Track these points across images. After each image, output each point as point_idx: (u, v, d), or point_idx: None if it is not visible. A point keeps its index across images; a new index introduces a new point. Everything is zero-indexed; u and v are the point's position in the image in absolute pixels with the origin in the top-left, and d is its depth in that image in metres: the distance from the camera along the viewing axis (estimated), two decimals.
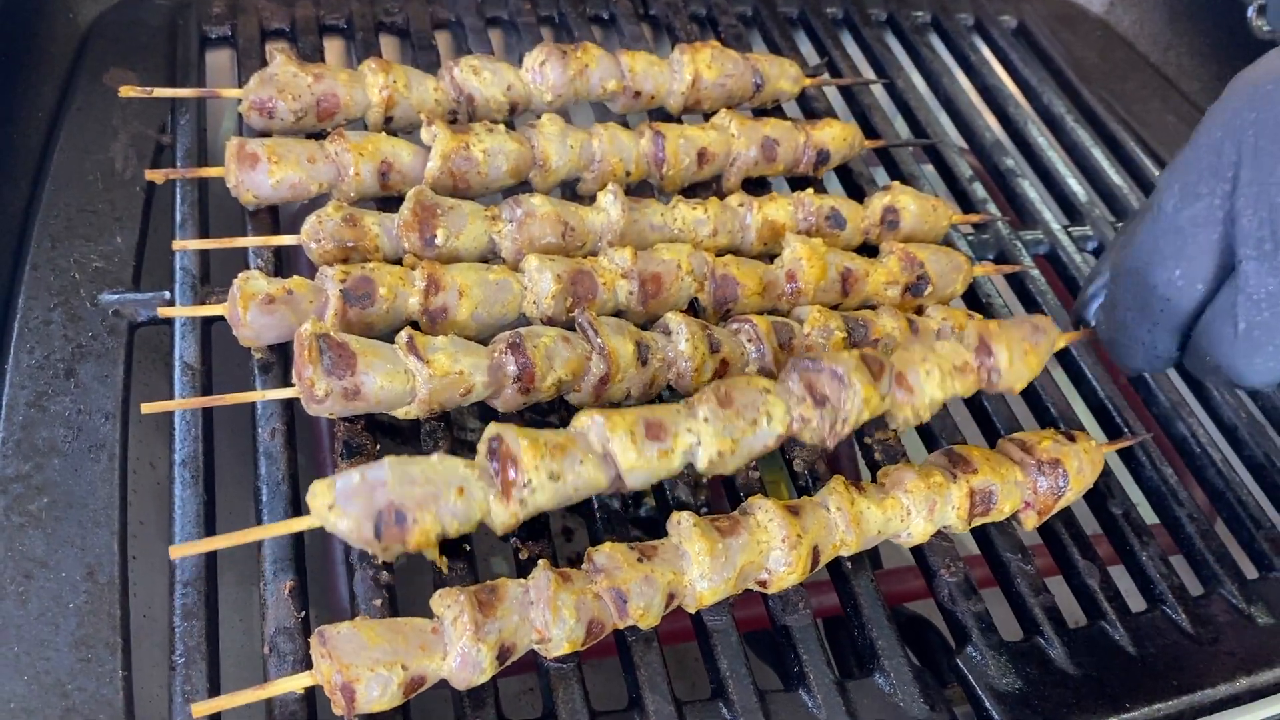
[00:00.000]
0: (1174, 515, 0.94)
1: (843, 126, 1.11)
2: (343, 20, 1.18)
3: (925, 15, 1.38)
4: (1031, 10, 1.42)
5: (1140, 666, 0.82)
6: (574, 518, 1.27)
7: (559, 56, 1.06)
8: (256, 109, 0.98)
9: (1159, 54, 1.38)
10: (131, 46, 1.08)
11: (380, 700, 0.67)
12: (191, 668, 0.71)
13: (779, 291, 0.96)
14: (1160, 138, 1.28)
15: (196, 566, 0.75)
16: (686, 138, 1.04)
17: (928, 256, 0.99)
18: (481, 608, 0.70)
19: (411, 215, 0.91)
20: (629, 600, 0.73)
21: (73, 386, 0.83)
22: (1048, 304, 1.06)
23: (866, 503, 0.82)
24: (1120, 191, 1.20)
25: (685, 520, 0.77)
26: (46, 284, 0.88)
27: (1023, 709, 0.78)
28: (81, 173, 0.96)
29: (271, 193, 0.93)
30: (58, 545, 0.75)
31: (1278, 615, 0.87)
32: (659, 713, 0.74)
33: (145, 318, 0.89)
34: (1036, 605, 0.84)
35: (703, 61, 1.11)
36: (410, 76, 1.03)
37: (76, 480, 0.78)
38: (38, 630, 0.71)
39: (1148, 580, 0.89)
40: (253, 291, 0.83)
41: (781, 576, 0.78)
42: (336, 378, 0.77)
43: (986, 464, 0.85)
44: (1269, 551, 0.92)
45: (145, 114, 1.02)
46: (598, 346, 0.85)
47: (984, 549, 0.88)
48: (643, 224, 0.97)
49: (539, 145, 1.00)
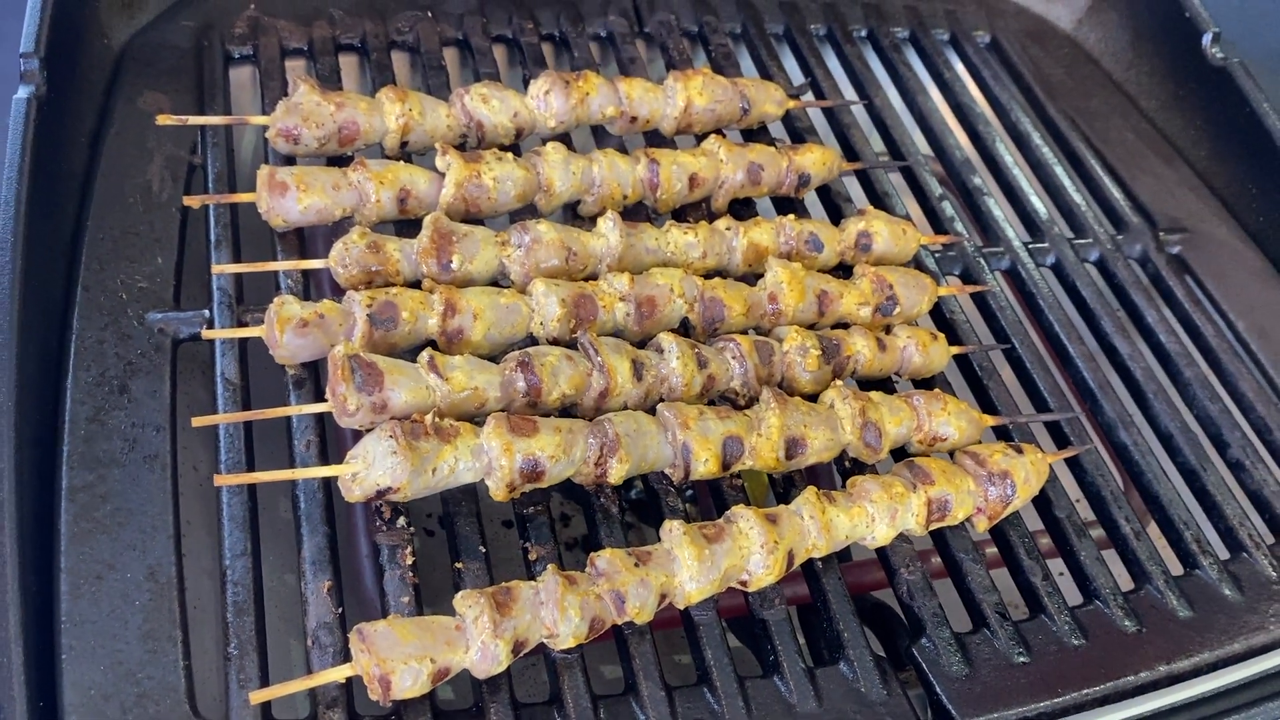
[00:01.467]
0: (1111, 517, 1.04)
1: (822, 151, 1.20)
2: (357, 39, 1.25)
3: (904, 31, 1.46)
4: (1004, 26, 1.50)
5: (1075, 654, 0.94)
6: (571, 504, 1.37)
7: (562, 86, 1.15)
8: (283, 136, 1.06)
9: (1121, 72, 1.47)
10: (162, 69, 1.16)
11: (412, 689, 0.78)
12: (245, 658, 0.81)
13: (762, 312, 1.06)
14: (1119, 155, 1.38)
15: (245, 567, 0.85)
16: (679, 164, 1.13)
17: (896, 279, 1.09)
18: (499, 608, 0.81)
19: (430, 242, 1.00)
20: (626, 601, 0.84)
21: (126, 401, 0.92)
22: (1006, 318, 1.16)
23: (836, 511, 0.93)
24: (1079, 209, 1.29)
25: (676, 528, 0.88)
26: (98, 305, 0.97)
27: (969, 692, 0.89)
28: (122, 196, 1.04)
29: (299, 217, 1.02)
30: (122, 549, 0.84)
31: (1198, 610, 0.98)
32: (652, 697, 0.85)
33: (187, 335, 0.98)
34: (985, 601, 0.95)
35: (694, 89, 1.19)
36: (424, 104, 1.11)
37: (135, 488, 0.88)
38: (110, 626, 0.81)
39: (1085, 577, 1.00)
40: (288, 316, 0.92)
41: (760, 577, 0.89)
42: (366, 394, 0.87)
43: (943, 476, 0.96)
44: (1194, 551, 1.03)
45: (177, 136, 1.10)
46: (598, 364, 0.95)
47: (939, 548, 0.99)
48: (639, 248, 1.07)
49: (544, 172, 1.09)
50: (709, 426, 0.93)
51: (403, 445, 0.83)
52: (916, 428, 1.01)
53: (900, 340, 1.06)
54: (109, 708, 0.77)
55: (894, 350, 1.06)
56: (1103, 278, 1.25)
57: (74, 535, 0.84)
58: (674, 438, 0.93)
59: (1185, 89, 1.39)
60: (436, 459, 0.85)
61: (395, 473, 0.83)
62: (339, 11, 1.27)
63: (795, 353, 1.01)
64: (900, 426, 1.01)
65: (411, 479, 0.84)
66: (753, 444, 0.95)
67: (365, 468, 0.84)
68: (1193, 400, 1.15)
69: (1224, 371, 1.18)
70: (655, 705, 0.84)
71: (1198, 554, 1.03)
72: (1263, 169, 1.31)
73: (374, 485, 0.84)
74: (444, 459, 0.86)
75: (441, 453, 0.86)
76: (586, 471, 0.92)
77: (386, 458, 0.83)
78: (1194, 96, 1.39)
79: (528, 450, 0.87)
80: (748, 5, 1.43)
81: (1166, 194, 1.35)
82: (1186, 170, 1.38)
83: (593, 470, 0.92)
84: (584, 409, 0.96)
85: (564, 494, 1.23)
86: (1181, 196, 1.35)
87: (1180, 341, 1.20)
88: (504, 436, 0.87)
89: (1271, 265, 1.30)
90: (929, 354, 1.06)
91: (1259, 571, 1.03)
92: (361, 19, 1.26)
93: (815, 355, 1.01)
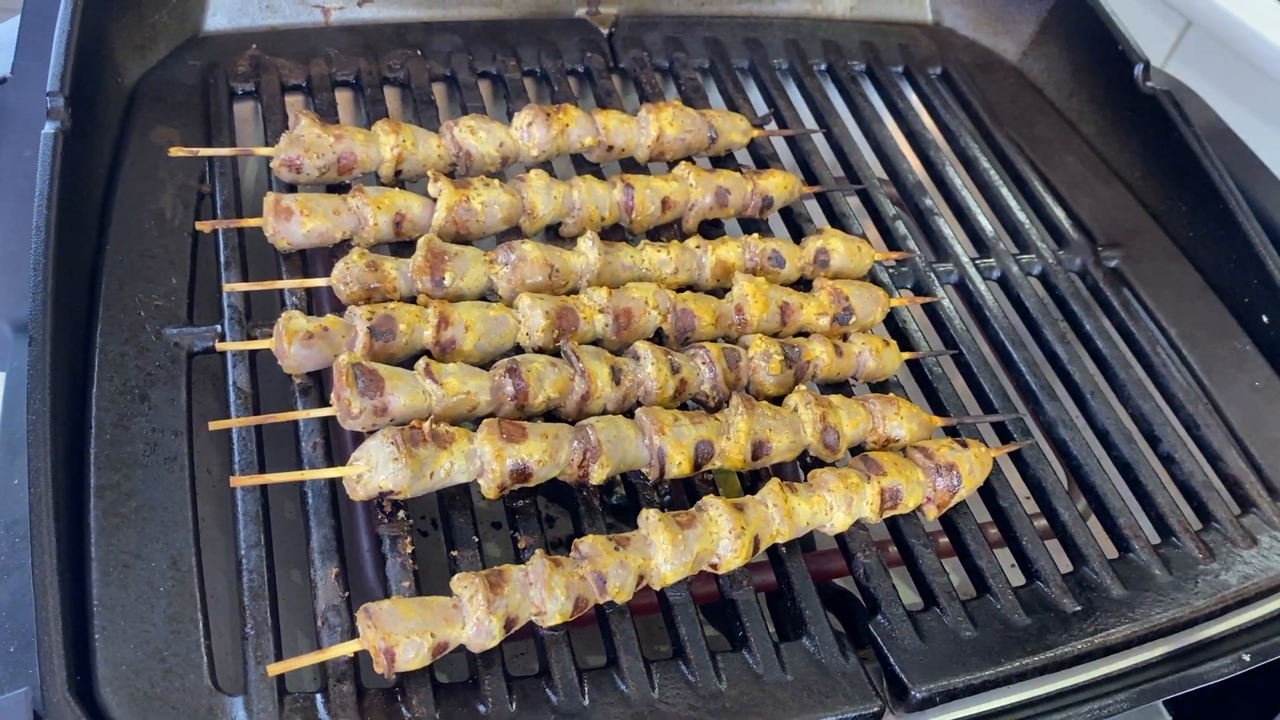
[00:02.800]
0: (1052, 507, 1.14)
1: (784, 176, 1.30)
2: (352, 76, 1.35)
3: (860, 64, 1.57)
4: (954, 58, 1.61)
5: (1018, 629, 1.03)
6: (555, 506, 1.46)
7: (544, 118, 1.24)
8: (286, 165, 1.15)
9: (1063, 100, 1.59)
10: (171, 104, 1.25)
11: (414, 661, 0.86)
12: (261, 638, 0.89)
13: (729, 322, 1.15)
14: (1061, 177, 1.48)
15: (259, 557, 0.93)
16: (652, 188, 1.23)
17: (852, 291, 1.19)
18: (492, 588, 0.89)
19: (424, 260, 1.09)
20: (607, 581, 0.93)
21: (147, 409, 1.00)
22: (954, 328, 1.26)
23: (797, 500, 1.02)
24: (1024, 227, 1.40)
25: (652, 516, 0.96)
26: (118, 321, 1.05)
27: (921, 662, 0.98)
28: (138, 222, 1.13)
29: (303, 239, 1.11)
30: (147, 540, 0.92)
31: (1130, 588, 1.08)
32: (631, 668, 0.93)
33: (200, 348, 1.06)
34: (935, 582, 1.04)
35: (666, 120, 1.29)
36: (416, 135, 1.20)
37: (157, 487, 0.96)
38: (138, 609, 0.88)
39: (1027, 560, 1.09)
40: (295, 329, 1.01)
41: (729, 560, 0.98)
42: (368, 398, 0.96)
43: (894, 468, 1.05)
44: (1128, 536, 1.13)
45: (187, 166, 1.19)
46: (579, 370, 1.04)
47: (894, 535, 1.08)
48: (616, 264, 1.16)
49: (527, 196, 1.18)
50: (682, 431, 1.03)
51: (404, 452, 0.92)
52: (872, 429, 1.11)
53: (856, 347, 1.16)
54: (139, 681, 0.85)
55: (850, 356, 1.15)
56: (1045, 290, 1.35)
57: (103, 529, 0.92)
58: (651, 442, 1.02)
59: (1121, 115, 1.50)
60: (434, 464, 0.94)
61: (397, 477, 0.92)
62: (334, 51, 1.36)
63: (760, 358, 1.11)
64: (857, 429, 1.10)
65: (412, 482, 0.93)
66: (722, 447, 1.04)
67: (369, 470, 0.93)
68: (1128, 400, 1.25)
69: (1156, 374, 1.28)
70: (634, 676, 0.93)
71: (1131, 539, 1.12)
72: (1191, 188, 1.41)
73: (377, 487, 0.93)
74: (440, 464, 0.95)
75: (438, 458, 0.94)
76: (570, 473, 1.01)
77: (389, 463, 0.92)
78: (1129, 122, 1.50)
79: (517, 455, 0.96)
80: (714, 42, 1.53)
81: (1105, 213, 1.45)
82: (1123, 190, 1.49)
83: (576, 472, 1.00)
84: (567, 411, 1.05)
85: (549, 497, 1.31)
86: (1119, 215, 1.46)
87: (1117, 347, 1.30)
88: (495, 442, 0.96)
89: (1201, 277, 1.40)
90: (882, 359, 1.16)
91: (1186, 554, 1.12)
92: (356, 57, 1.36)
93: (778, 360, 1.10)
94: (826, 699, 0.94)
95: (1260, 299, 1.34)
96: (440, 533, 1.25)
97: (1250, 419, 1.26)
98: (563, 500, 1.28)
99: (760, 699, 0.94)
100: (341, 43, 1.38)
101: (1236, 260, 1.36)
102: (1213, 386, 1.29)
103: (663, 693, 0.93)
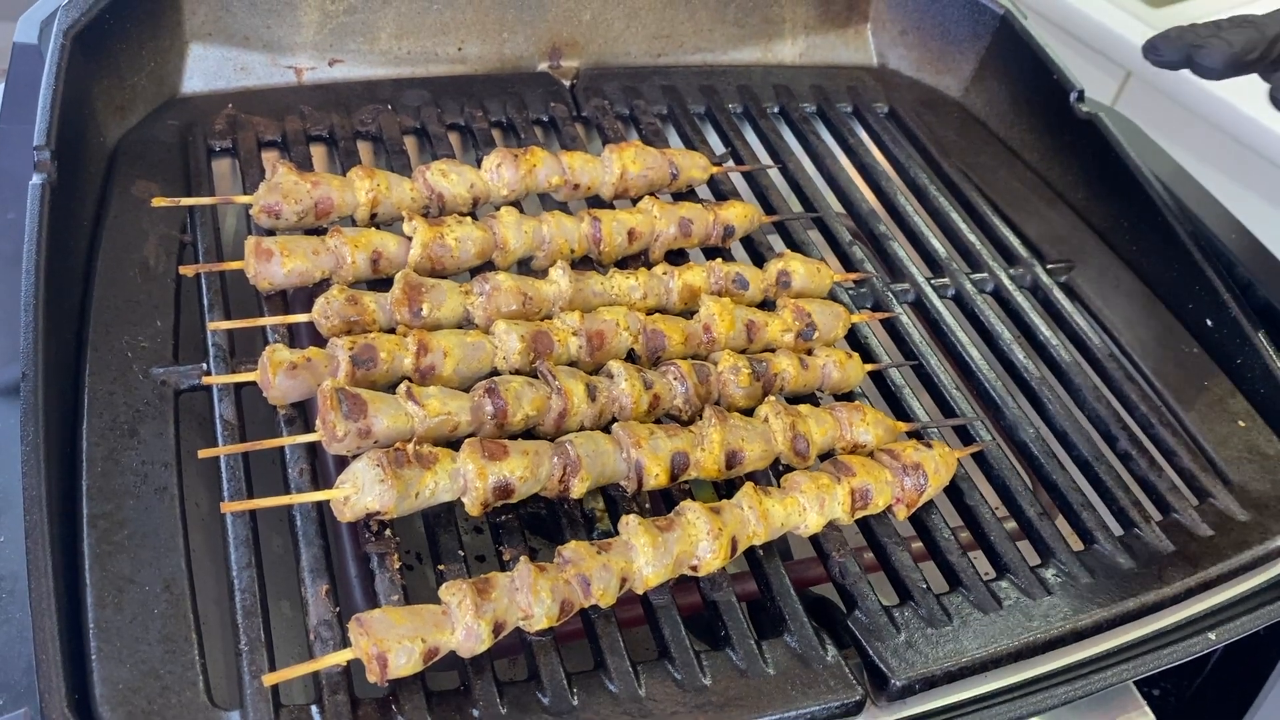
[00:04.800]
0: (1018, 505, 1.18)
1: (744, 206, 1.36)
2: (326, 131, 1.40)
3: (811, 106, 1.64)
4: (900, 97, 1.69)
5: (990, 619, 1.06)
6: (537, 539, 1.48)
7: (512, 159, 1.30)
8: (265, 212, 1.20)
9: (1005, 130, 1.67)
10: (151, 161, 1.30)
11: (406, 666, 0.88)
12: (255, 653, 0.91)
13: (698, 341, 1.20)
14: (1008, 201, 1.55)
15: (251, 578, 0.95)
16: (618, 220, 1.28)
17: (814, 308, 1.24)
18: (479, 594, 0.92)
19: (401, 293, 1.13)
20: (591, 583, 0.96)
21: (136, 443, 1.03)
22: (913, 342, 1.31)
23: (771, 502, 1.06)
24: (974, 248, 1.46)
25: (632, 521, 1.00)
26: (106, 362, 1.08)
27: (899, 652, 1.01)
28: (123, 270, 1.17)
29: (284, 279, 1.15)
30: (140, 566, 0.94)
31: (1096, 576, 1.11)
32: (618, 669, 0.96)
33: (187, 385, 1.10)
34: (908, 578, 1.08)
35: (628, 158, 1.35)
36: (390, 180, 1.26)
37: (148, 516, 0.98)
38: (133, 630, 0.90)
39: (996, 554, 1.13)
40: (280, 360, 1.04)
41: (709, 562, 1.01)
42: (353, 420, 0.99)
43: (863, 469, 1.10)
44: (1092, 528, 1.17)
45: (169, 218, 1.23)
46: (555, 388, 1.08)
47: (866, 537, 1.12)
48: (586, 291, 1.21)
49: (499, 232, 1.23)
50: (658, 443, 1.06)
51: (389, 473, 0.95)
52: (840, 435, 1.15)
53: (820, 360, 1.21)
54: (136, 699, 0.87)
55: (815, 368, 1.20)
56: (999, 305, 1.41)
57: (97, 555, 0.94)
58: (628, 455, 1.06)
59: (1061, 141, 1.58)
60: (419, 484, 0.97)
61: (384, 497, 0.95)
62: (308, 108, 1.42)
63: (729, 372, 1.15)
64: (826, 435, 1.14)
65: (398, 502, 0.96)
66: (697, 457, 1.08)
67: (356, 492, 0.96)
68: (1083, 403, 1.30)
69: (1110, 378, 1.33)
70: (622, 676, 0.95)
71: (1095, 531, 1.16)
72: (1131, 205, 1.48)
73: (364, 508, 0.96)
74: (425, 483, 0.98)
75: (423, 478, 0.98)
76: (552, 487, 1.04)
77: (375, 484, 0.95)
78: (1069, 147, 1.58)
79: (499, 472, 1.00)
80: (671, 90, 1.61)
81: (1052, 232, 1.52)
82: (1068, 211, 1.56)
83: (557, 487, 1.04)
84: (545, 429, 1.09)
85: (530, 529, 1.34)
86: (1065, 234, 1.53)
87: (1071, 354, 1.35)
88: (478, 460, 0.99)
89: (1147, 287, 1.47)
90: (846, 370, 1.21)
91: (1149, 543, 1.16)
92: (329, 113, 1.42)
93: (746, 374, 1.15)
94: (809, 689, 0.97)
95: (1203, 305, 1.40)
96: (426, 567, 1.28)
97: (1201, 417, 1.31)
98: (545, 532, 1.32)
99: (745, 692, 0.96)
100: (314, 100, 1.43)
101: (1179, 270, 1.43)
102: (1164, 389, 1.34)
103: (650, 691, 0.95)
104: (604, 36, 1.61)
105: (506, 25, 1.55)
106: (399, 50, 1.51)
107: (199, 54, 1.41)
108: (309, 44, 1.46)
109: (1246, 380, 1.35)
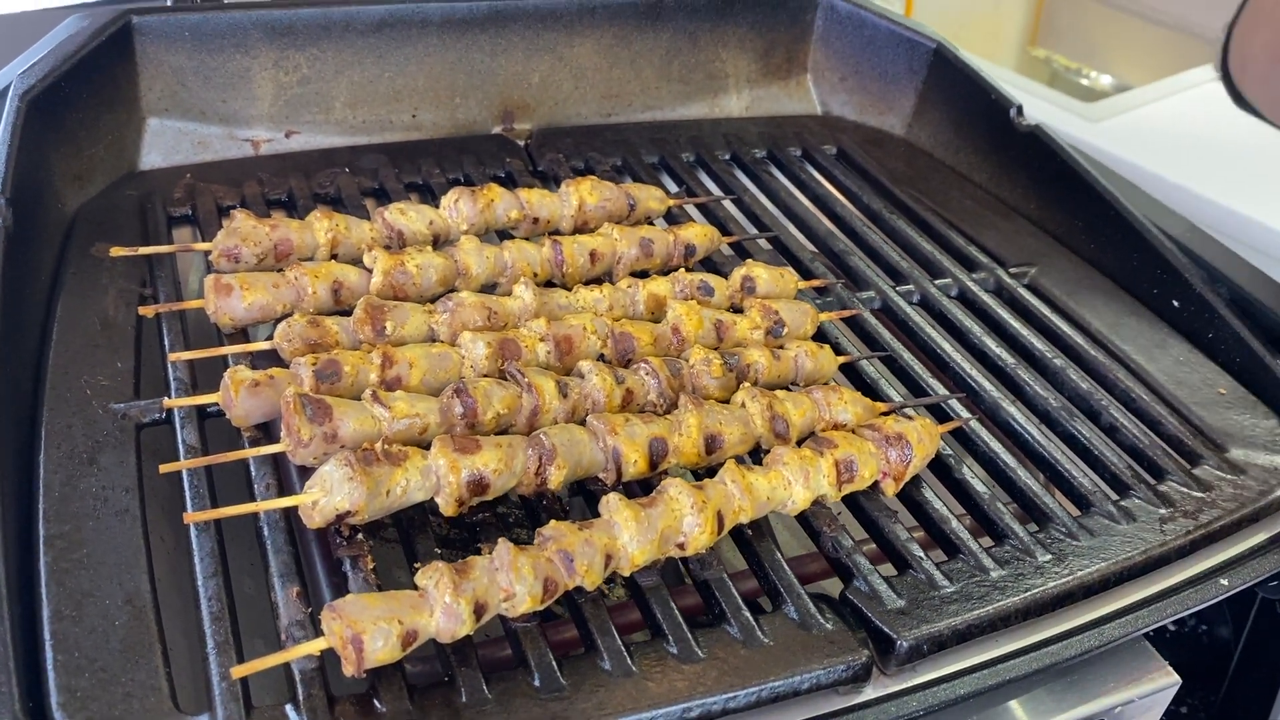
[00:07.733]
0: (1007, 477, 1.15)
1: (703, 227, 1.37)
2: (284, 194, 1.42)
3: (761, 151, 1.68)
4: (846, 139, 1.74)
5: (994, 579, 1.02)
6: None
7: (469, 195, 1.32)
8: (225, 256, 1.20)
9: (952, 157, 1.71)
10: (110, 227, 1.30)
11: (383, 651, 0.83)
12: (223, 654, 0.86)
13: (667, 343, 1.19)
14: (962, 218, 1.58)
15: (217, 586, 0.91)
16: (579, 243, 1.29)
17: (781, 306, 1.24)
18: (458, 573, 0.88)
19: (364, 313, 1.12)
20: (575, 560, 0.92)
21: (96, 470, 1.00)
22: (883, 339, 1.31)
23: (755, 476, 1.03)
24: (935, 258, 1.47)
25: (613, 499, 0.96)
26: (64, 398, 1.06)
27: (901, 616, 0.96)
28: (82, 320, 1.15)
29: (245, 314, 1.14)
30: (101, 581, 0.90)
31: (1097, 536, 1.08)
32: (610, 648, 0.91)
33: (149, 419, 1.07)
34: (906, 548, 1.04)
35: (585, 190, 1.37)
36: (349, 221, 1.26)
37: (109, 537, 0.94)
38: (92, 640, 0.85)
39: (992, 523, 1.09)
40: (241, 379, 1.02)
41: (696, 537, 0.97)
42: (318, 424, 0.97)
43: (846, 441, 1.07)
44: (1086, 494, 1.14)
45: (128, 273, 1.23)
46: (526, 385, 1.06)
47: (857, 514, 1.09)
48: (552, 305, 1.20)
49: (461, 259, 1.24)
50: (635, 430, 1.04)
51: (358, 470, 0.93)
52: (819, 416, 1.13)
53: (792, 351, 1.20)
54: (95, 705, 0.81)
55: (787, 360, 1.19)
56: (965, 306, 1.41)
57: (54, 572, 0.90)
58: (605, 444, 1.03)
59: (1007, 157, 1.62)
60: (390, 481, 0.94)
61: (353, 496, 0.92)
62: (266, 174, 1.44)
63: (701, 364, 1.14)
64: (805, 417, 1.12)
65: (369, 501, 0.93)
66: (676, 442, 1.06)
67: (324, 495, 0.93)
68: (1062, 385, 1.29)
69: (1085, 361, 1.32)
70: (614, 655, 0.90)
71: (1090, 496, 1.13)
72: (1082, 206, 1.51)
73: (334, 510, 0.93)
74: (396, 480, 0.95)
75: (394, 475, 0.95)
76: (528, 481, 1.01)
77: (344, 483, 0.92)
78: (1015, 161, 1.61)
79: (472, 465, 0.97)
80: (624, 142, 1.65)
81: (1010, 241, 1.54)
82: (1023, 222, 1.59)
83: (534, 480, 1.01)
84: (518, 429, 1.06)
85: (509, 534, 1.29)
86: (1023, 242, 1.54)
87: (1044, 342, 1.34)
88: (449, 455, 0.97)
89: (1111, 281, 1.48)
90: (818, 360, 1.20)
91: (1146, 504, 1.13)
92: (287, 177, 1.44)
93: (718, 365, 1.14)
94: (814, 655, 0.92)
95: (1166, 287, 1.41)
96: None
97: (1181, 387, 1.30)
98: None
99: (745, 662, 0.91)
100: (273, 166, 1.46)
101: (1139, 259, 1.45)
102: (1141, 367, 1.33)
103: (644, 669, 0.90)
104: (554, 98, 1.66)
105: (458, 90, 1.59)
106: (354, 119, 1.55)
107: (156, 128, 1.43)
108: (265, 116, 1.49)
109: (1221, 352, 1.35)
